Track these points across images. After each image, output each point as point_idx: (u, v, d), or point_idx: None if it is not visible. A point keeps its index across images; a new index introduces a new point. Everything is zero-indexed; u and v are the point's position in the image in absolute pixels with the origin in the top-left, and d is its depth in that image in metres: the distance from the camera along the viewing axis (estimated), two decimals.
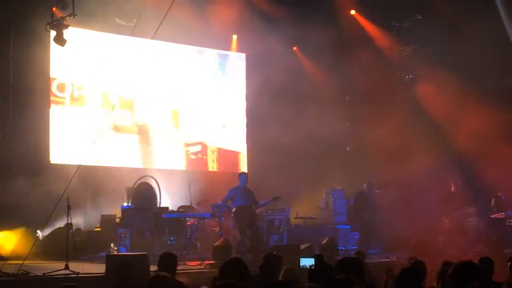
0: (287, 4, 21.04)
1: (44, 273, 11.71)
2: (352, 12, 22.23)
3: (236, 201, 16.22)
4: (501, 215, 17.56)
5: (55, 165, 17.89)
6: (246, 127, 22.13)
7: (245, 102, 22.19)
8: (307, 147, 21.19)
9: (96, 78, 19.26)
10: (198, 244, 16.73)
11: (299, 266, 7.81)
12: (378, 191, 18.00)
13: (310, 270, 7.63)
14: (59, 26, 14.81)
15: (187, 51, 21.18)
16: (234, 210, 15.92)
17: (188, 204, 17.23)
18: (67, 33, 15.15)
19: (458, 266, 5.40)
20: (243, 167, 21.43)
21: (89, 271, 12.42)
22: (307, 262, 7.75)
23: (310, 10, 21.11)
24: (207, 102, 21.40)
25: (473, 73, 19.72)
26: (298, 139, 20.72)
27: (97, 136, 17.71)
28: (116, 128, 19.55)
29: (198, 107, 21.18)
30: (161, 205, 17.03)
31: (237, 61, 22.27)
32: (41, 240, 15.65)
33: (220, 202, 16.19)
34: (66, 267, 12.13)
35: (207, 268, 13.81)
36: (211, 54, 21.69)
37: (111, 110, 19.04)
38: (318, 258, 7.85)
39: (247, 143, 22.11)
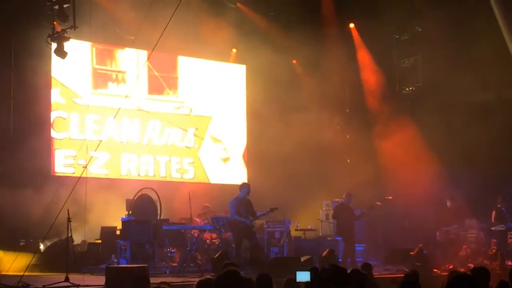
0: (287, 17, 21.16)
1: (43, 286, 11.65)
2: (351, 25, 22.31)
3: (238, 212, 16.07)
4: (501, 227, 17.55)
5: (56, 177, 17.90)
6: (246, 138, 22.13)
7: (245, 113, 22.20)
8: (307, 159, 21.21)
9: (97, 89, 19.33)
10: (198, 256, 16.72)
11: (296, 279, 7.78)
12: (379, 203, 17.99)
13: (306, 283, 7.63)
14: (60, 38, 14.85)
15: (188, 63, 21.23)
16: (230, 221, 15.84)
17: (188, 216, 17.21)
18: (68, 45, 15.19)
19: (452, 279, 5.41)
20: (243, 179, 21.41)
21: (89, 283, 12.38)
22: (303, 275, 7.73)
23: (310, 23, 21.16)
24: (207, 113, 21.44)
25: (473, 85, 19.77)
26: (298, 150, 20.75)
27: (98, 147, 17.73)
28: (117, 140, 19.60)
29: (198, 118, 21.24)
30: (161, 217, 17.03)
31: (237, 73, 22.30)
32: (41, 252, 15.64)
33: (237, 217, 15.83)
34: (66, 279, 12.09)
35: None
36: (211, 66, 21.72)
37: (113, 119, 18.93)
38: (314, 271, 7.83)
39: (247, 154, 22.10)
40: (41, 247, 15.60)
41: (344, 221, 17.36)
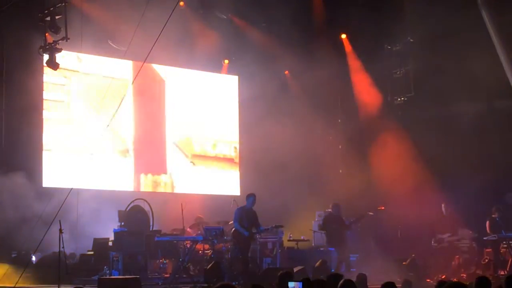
0: (279, 28, 21.18)
1: None
2: (343, 36, 22.35)
3: (240, 222, 15.96)
4: (493, 237, 17.54)
5: (48, 188, 17.83)
6: (239, 149, 22.13)
7: (237, 124, 22.21)
8: (300, 169, 21.21)
9: (88, 100, 19.29)
10: (191, 267, 16.67)
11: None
12: (371, 213, 17.97)
13: None
14: (52, 49, 14.85)
15: (181, 74, 21.23)
16: (232, 231, 15.80)
17: (180, 227, 17.17)
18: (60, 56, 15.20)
19: (449, 286, 5.41)
20: (236, 189, 21.42)
21: None
22: (295, 286, 7.71)
23: (302, 34, 21.20)
24: (201, 124, 21.44)
25: (465, 95, 19.82)
26: (291, 161, 20.75)
27: (89, 159, 17.70)
28: (109, 150, 19.55)
29: (192, 129, 21.22)
30: (154, 228, 16.98)
31: (229, 84, 22.32)
32: (33, 264, 15.55)
33: (237, 225, 15.78)
34: None
35: None
36: (204, 77, 21.72)
37: (104, 128, 18.80)
38: (305, 282, 7.81)
39: (240, 165, 22.10)
40: (33, 258, 15.51)
41: (334, 231, 17.24)
